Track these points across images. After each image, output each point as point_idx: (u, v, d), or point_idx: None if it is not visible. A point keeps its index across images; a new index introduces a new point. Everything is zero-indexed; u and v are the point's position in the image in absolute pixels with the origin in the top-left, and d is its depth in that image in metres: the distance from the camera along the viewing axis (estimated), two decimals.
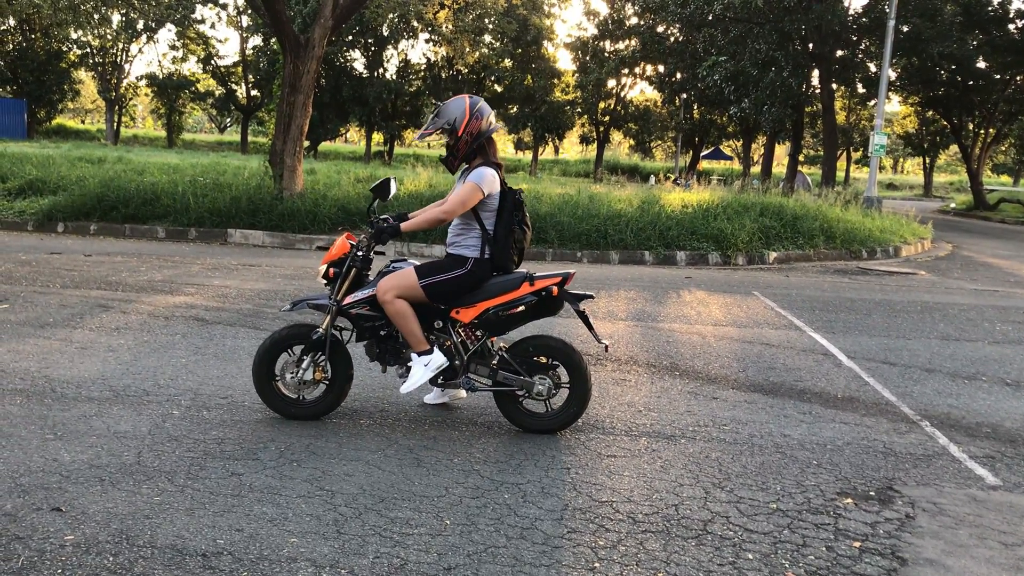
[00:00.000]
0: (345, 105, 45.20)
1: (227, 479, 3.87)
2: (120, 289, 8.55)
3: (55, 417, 4.58)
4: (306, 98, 14.66)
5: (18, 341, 6.22)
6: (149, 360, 5.85)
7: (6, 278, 8.88)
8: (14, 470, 3.83)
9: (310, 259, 11.98)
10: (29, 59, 51.46)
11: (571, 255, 13.39)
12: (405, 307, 4.62)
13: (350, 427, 4.68)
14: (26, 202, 15.08)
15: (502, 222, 4.71)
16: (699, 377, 6.17)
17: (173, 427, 4.52)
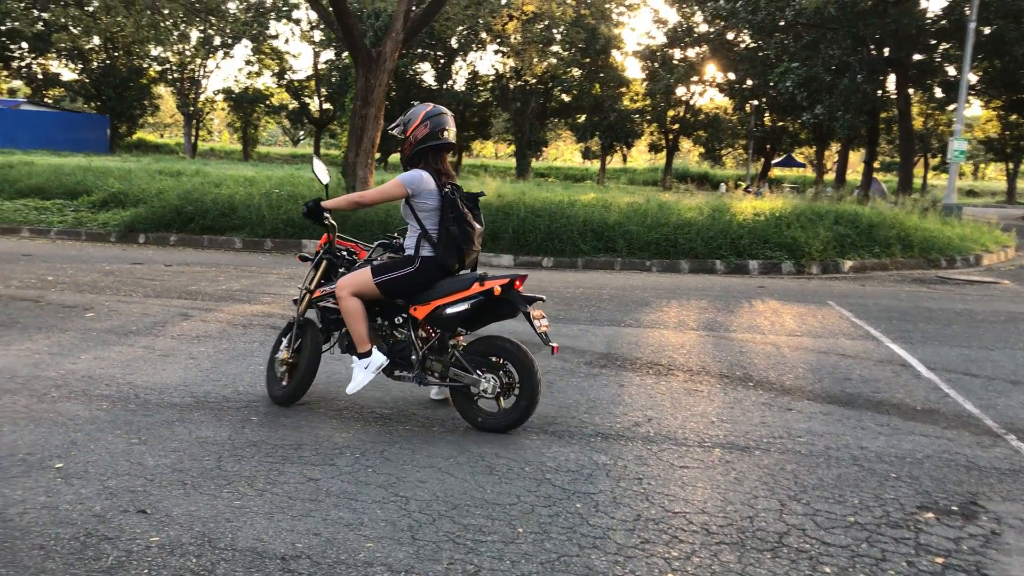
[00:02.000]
0: None
1: (304, 484, 3.95)
2: (200, 298, 8.79)
3: (139, 422, 4.73)
4: (377, 110, 14.91)
5: (103, 348, 6.44)
6: (228, 367, 6.01)
7: (91, 287, 9.21)
8: (102, 473, 3.97)
9: None
10: (112, 76, 53.33)
11: (640, 264, 13.33)
12: (356, 305, 4.85)
13: (423, 434, 4.73)
14: (109, 214, 15.63)
15: (442, 222, 4.85)
16: (773, 388, 6.08)
17: (252, 433, 4.63)
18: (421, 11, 15.56)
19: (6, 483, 3.80)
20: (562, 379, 6.07)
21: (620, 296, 10.22)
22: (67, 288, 9.10)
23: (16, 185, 17.74)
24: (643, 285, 11.40)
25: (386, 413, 5.08)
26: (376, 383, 5.26)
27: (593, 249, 13.62)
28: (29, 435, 4.44)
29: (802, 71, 27.69)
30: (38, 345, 6.46)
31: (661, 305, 9.68)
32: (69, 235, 14.65)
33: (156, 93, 59.55)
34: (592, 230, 13.80)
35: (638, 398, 5.67)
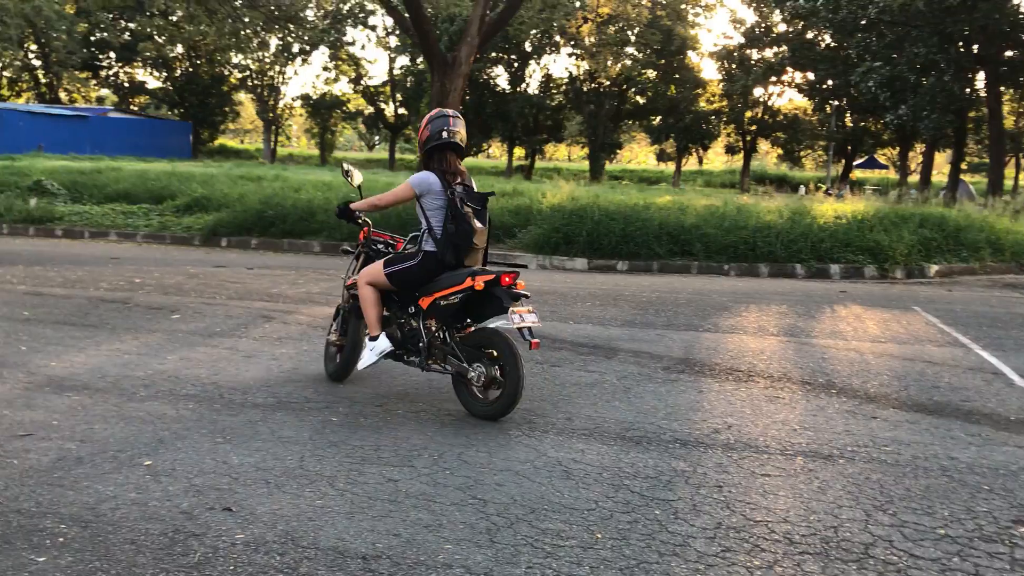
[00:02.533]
0: (488, 121, 45.99)
1: (384, 484, 3.99)
2: (281, 301, 8.97)
3: (224, 422, 4.84)
4: None
5: (189, 349, 6.62)
6: (309, 369, 6.11)
7: (177, 290, 9.48)
8: (189, 471, 4.07)
9: None
10: (195, 83, 54.91)
11: (718, 268, 13.14)
12: (369, 293, 5.35)
13: (500, 438, 4.74)
14: (193, 218, 16.07)
15: (445, 220, 5.19)
16: (857, 395, 5.92)
17: (332, 433, 4.70)
18: (496, 16, 15.63)
19: (99, 479, 3.93)
20: (639, 384, 6.01)
21: (697, 300, 10.09)
22: (154, 290, 9.39)
23: (104, 190, 18.38)
24: (721, 289, 11.24)
25: (463, 416, 5.10)
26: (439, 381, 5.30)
27: (669, 253, 13.48)
28: (120, 433, 4.58)
29: (885, 70, 26.96)
30: (127, 346, 6.67)
31: (740, 310, 9.53)
32: (155, 239, 15.12)
33: (237, 100, 61.09)
34: (668, 233, 13.66)
35: (717, 404, 5.58)
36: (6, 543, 3.27)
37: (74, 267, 11.02)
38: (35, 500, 3.66)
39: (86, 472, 4.00)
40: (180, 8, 33.15)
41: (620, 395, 5.70)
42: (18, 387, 5.37)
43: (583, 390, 5.79)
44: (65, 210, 16.62)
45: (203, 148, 55.83)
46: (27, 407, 4.96)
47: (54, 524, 3.45)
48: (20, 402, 5.05)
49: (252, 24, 32.14)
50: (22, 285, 9.37)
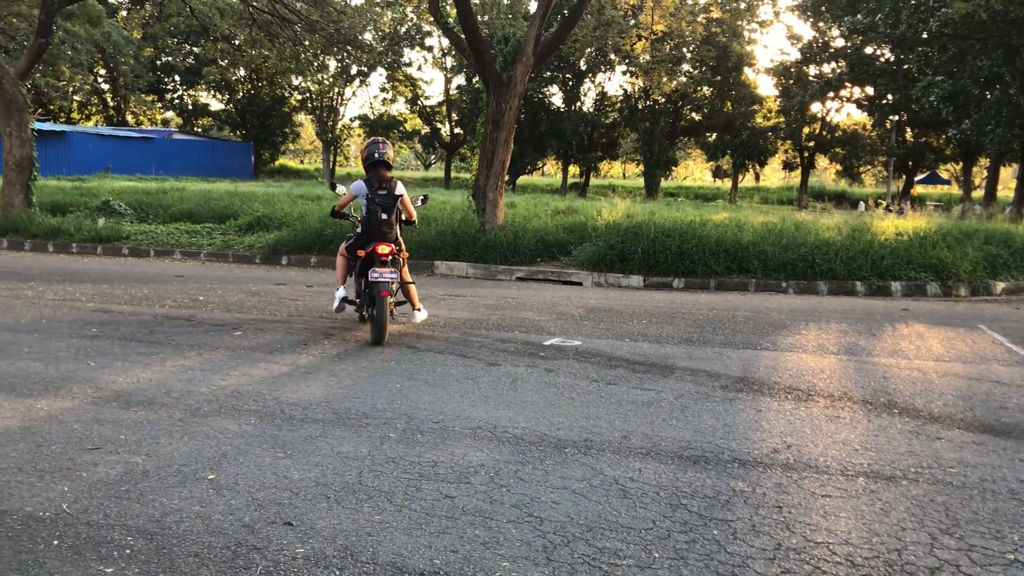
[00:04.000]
0: (543, 139, 46.18)
1: (441, 501, 4.01)
2: (338, 318, 9.10)
3: (285, 437, 4.92)
4: (508, 134, 15.11)
5: (251, 366, 6.74)
6: (367, 385, 6.18)
7: (239, 307, 9.66)
8: (251, 485, 4.15)
9: (511, 289, 12.27)
10: (256, 105, 56.14)
11: (775, 285, 12.98)
12: (340, 259, 8.51)
13: (555, 455, 4.74)
14: (254, 237, 16.38)
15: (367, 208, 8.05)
16: (920, 416, 5.80)
17: (390, 449, 4.75)
18: (551, 35, 15.71)
19: (164, 492, 4.02)
20: (696, 403, 5.96)
21: (755, 318, 9.97)
22: (216, 308, 9.59)
23: (169, 210, 18.84)
24: (779, 307, 11.09)
25: (518, 433, 5.11)
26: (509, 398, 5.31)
27: (726, 270, 13.36)
28: (184, 447, 4.69)
29: (947, 84, 26.44)
30: (191, 362, 6.82)
31: (799, 328, 9.39)
32: (217, 257, 15.44)
33: (297, 121, 62.31)
34: (725, 250, 13.54)
35: (776, 424, 5.51)
36: (76, 554, 3.37)
37: (140, 285, 11.31)
38: (103, 512, 3.77)
39: (152, 485, 4.10)
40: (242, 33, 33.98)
41: (677, 414, 5.66)
42: (87, 402, 5.53)
43: (639, 408, 5.77)
44: (131, 229, 17.06)
45: (264, 168, 56.98)
46: (95, 422, 5.10)
47: (121, 536, 3.54)
48: (89, 417, 5.20)
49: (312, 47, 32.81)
50: (90, 303, 9.65)
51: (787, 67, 44.03)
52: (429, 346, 7.69)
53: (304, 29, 23.52)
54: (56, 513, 3.74)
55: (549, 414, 5.55)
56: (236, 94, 57.48)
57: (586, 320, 9.48)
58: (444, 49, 53.00)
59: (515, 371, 6.77)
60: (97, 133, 45.88)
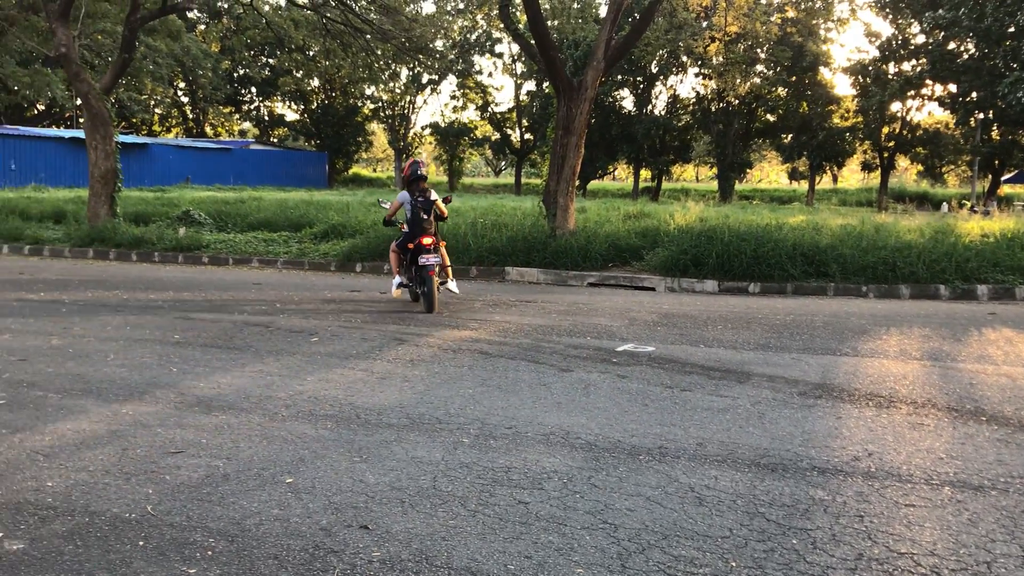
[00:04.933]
0: (614, 143, 45.99)
1: (515, 507, 4.01)
2: (413, 324, 9.19)
3: (360, 441, 4.98)
4: (579, 139, 15.07)
5: (326, 371, 6.84)
6: (440, 390, 6.22)
7: (314, 314, 9.83)
8: (327, 489, 4.20)
9: (582, 295, 12.22)
10: (330, 115, 57.16)
11: (855, 289, 12.67)
12: (393, 255, 10.63)
13: (629, 462, 4.69)
14: (329, 245, 16.66)
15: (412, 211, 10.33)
16: (1010, 423, 5.58)
17: (464, 454, 4.77)
18: (622, 39, 15.63)
19: (244, 495, 4.10)
20: (774, 410, 5.84)
21: (834, 323, 9.74)
22: (293, 314, 9.77)
23: (247, 219, 19.29)
24: (859, 311, 10.82)
25: (591, 439, 5.08)
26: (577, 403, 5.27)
27: (803, 274, 13.08)
28: (263, 451, 4.78)
29: None
30: (269, 367, 6.96)
31: (880, 333, 9.14)
32: (294, 265, 15.75)
33: (369, 130, 63.24)
34: (802, 254, 13.27)
35: (857, 431, 5.36)
36: (160, 555, 3.46)
37: (220, 292, 11.60)
38: (186, 514, 3.86)
39: (232, 489, 4.19)
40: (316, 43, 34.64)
41: (754, 421, 5.56)
42: (170, 407, 5.68)
43: (715, 415, 5.68)
44: (211, 238, 17.51)
45: (338, 177, 57.95)
46: (178, 426, 5.24)
47: (203, 538, 3.62)
48: (172, 421, 5.34)
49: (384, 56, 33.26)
50: (172, 310, 9.93)
51: (865, 65, 42.97)
52: (501, 352, 7.70)
53: (376, 38, 23.86)
54: (141, 515, 3.85)
55: (622, 420, 5.50)
56: (311, 104, 58.62)
57: (659, 326, 9.39)
58: (514, 55, 53.25)
59: (588, 377, 6.73)
60: (177, 145, 47.27)
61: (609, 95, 45.63)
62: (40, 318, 9.16)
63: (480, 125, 60.64)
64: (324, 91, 57.74)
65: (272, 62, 55.71)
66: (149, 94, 52.57)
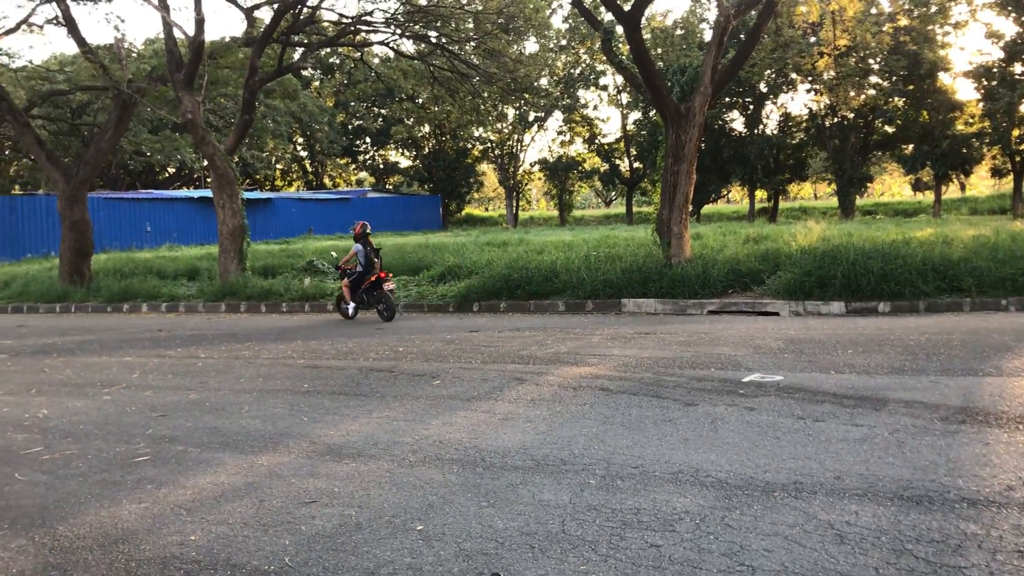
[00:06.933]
0: (726, 166, 45.28)
1: (647, 550, 3.92)
2: (531, 362, 9.20)
3: (487, 485, 4.99)
4: (689, 165, 14.90)
5: (450, 414, 6.91)
6: (563, 430, 6.18)
7: (435, 356, 9.97)
8: (457, 535, 4.22)
9: (702, 324, 11.99)
10: (441, 159, 58.37)
11: (994, 303, 12.01)
12: (345, 289, 14.61)
13: (764, 499, 4.54)
14: (446, 286, 16.92)
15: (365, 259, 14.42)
16: None
17: (591, 496, 4.71)
18: (728, 63, 15.43)
19: (376, 544, 4.16)
20: (915, 438, 5.56)
21: (973, 341, 9.24)
22: (416, 358, 9.93)
23: None
24: (1000, 327, 10.23)
25: (722, 477, 4.94)
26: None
27: (936, 290, 12.49)
28: (393, 498, 4.84)
29: None
30: (394, 412, 7.07)
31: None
32: (413, 308, 16.04)
33: (480, 170, 64.17)
34: (933, 269, 12.68)
35: (1008, 458, 5.04)
36: None
37: (345, 339, 11.91)
38: (322, 565, 3.94)
39: (365, 537, 4.26)
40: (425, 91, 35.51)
41: (893, 450, 5.30)
42: (302, 456, 5.84)
43: (851, 446, 5.44)
44: (334, 286, 18.01)
45: (451, 219, 58.98)
46: (311, 475, 5.37)
47: None
48: (305, 471, 5.48)
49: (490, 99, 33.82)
50: (301, 359, 10.25)
51: (989, 68, 40.97)
52: (622, 387, 7.61)
53: (482, 82, 24.30)
54: (280, 567, 3.95)
55: (753, 455, 5.34)
56: (422, 150, 60.01)
57: (786, 353, 9.10)
58: (619, 86, 53.24)
59: (714, 411, 6.57)
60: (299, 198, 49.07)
61: (718, 118, 45.00)
62: (178, 374, 9.61)
63: (588, 157, 60.70)
64: (435, 136, 59.03)
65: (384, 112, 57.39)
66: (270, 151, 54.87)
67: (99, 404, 7.97)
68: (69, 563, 4.13)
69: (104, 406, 7.87)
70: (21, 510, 4.96)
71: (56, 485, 5.42)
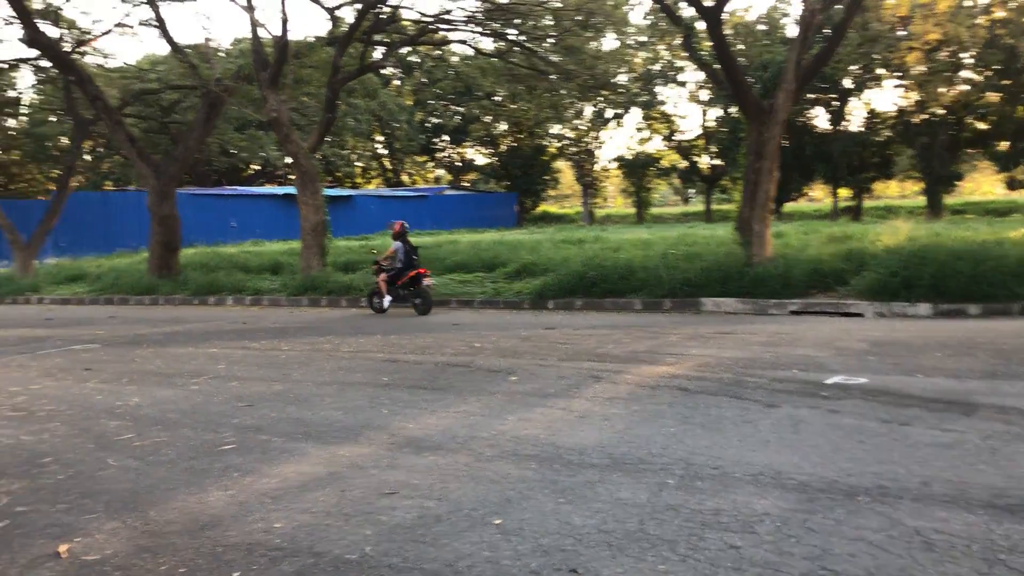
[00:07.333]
0: (808, 163, 44.33)
1: (726, 551, 3.88)
2: (608, 360, 9.16)
3: (564, 482, 4.99)
4: (771, 163, 14.65)
5: (526, 410, 6.93)
6: (640, 429, 6.15)
7: (512, 353, 10.01)
8: (535, 531, 4.24)
9: (784, 324, 11.78)
10: (518, 156, 58.52)
11: None
12: (382, 284, 15.16)
13: (847, 503, 4.44)
14: (522, 283, 16.96)
15: (404, 257, 15.14)
16: None
17: (669, 496, 4.67)
18: (813, 58, 15.12)
19: (455, 537, 4.20)
20: (1008, 444, 5.37)
21: None
22: (492, 354, 9.99)
23: (444, 262, 19.95)
24: None
25: (804, 479, 4.85)
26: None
27: None
28: (471, 492, 4.89)
29: None
30: (472, 407, 7.13)
31: None
32: (489, 304, 16.13)
33: (556, 168, 64.11)
34: None
35: None
36: None
37: (422, 334, 12.05)
38: (402, 556, 4.00)
39: (444, 530, 4.31)
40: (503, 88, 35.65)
41: (985, 456, 5.13)
42: (382, 448, 5.93)
43: (940, 451, 5.28)
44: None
45: (527, 216, 59.06)
46: (391, 467, 5.45)
47: None
48: (385, 462, 5.57)
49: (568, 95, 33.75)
50: (380, 353, 10.40)
51: None
52: (702, 387, 7.53)
53: (560, 78, 24.26)
54: (361, 556, 4.02)
55: (837, 458, 5.22)
56: (499, 147, 60.25)
57: (870, 355, 8.88)
58: (699, 82, 52.59)
59: (796, 412, 6.45)
60: (378, 195, 49.79)
61: (801, 114, 44.07)
62: (262, 365, 9.85)
63: (666, 154, 60.15)
64: (512, 133, 59.23)
65: (462, 110, 57.79)
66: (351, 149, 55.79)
67: (187, 393, 8.23)
68: (159, 546, 4.28)
69: (192, 395, 8.12)
70: (114, 494, 5.15)
71: (146, 471, 5.61)
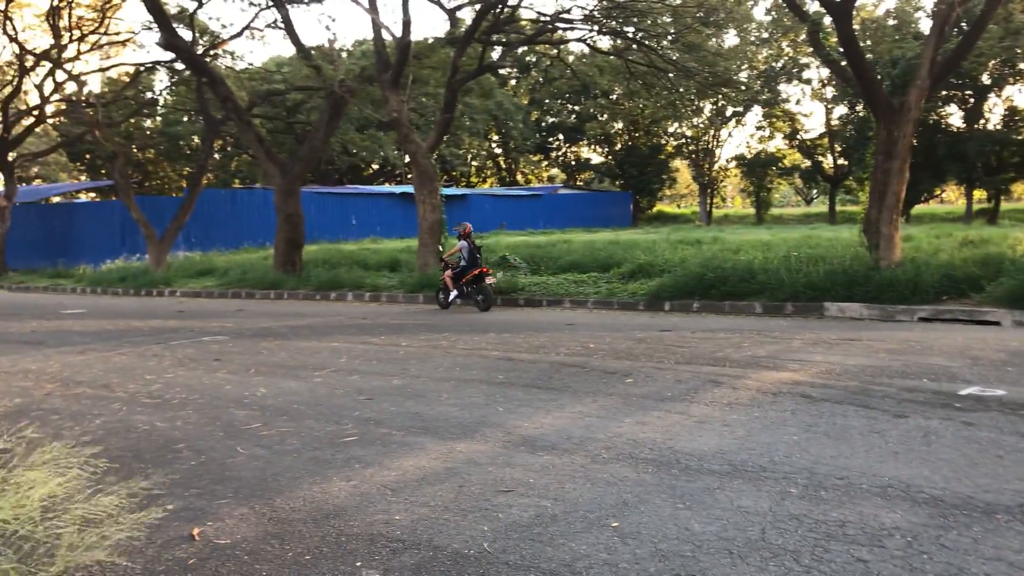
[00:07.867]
0: (940, 163, 42.37)
1: (852, 564, 3.75)
2: (727, 365, 8.98)
3: (682, 487, 4.92)
4: (902, 163, 14.08)
5: (643, 413, 6.86)
6: (762, 436, 6.00)
7: (627, 355, 9.93)
8: (653, 535, 4.19)
9: (913, 332, 11.29)
10: (633, 155, 58.09)
11: None
12: (448, 280, 16.21)
13: (985, 521, 4.23)
14: (637, 284, 16.80)
15: (468, 255, 16.13)
16: None
17: (792, 505, 4.55)
18: (949, 53, 14.44)
19: (572, 537, 4.20)
20: None
21: None
22: (607, 355, 9.94)
23: (558, 261, 19.98)
24: None
25: (936, 494, 4.64)
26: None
27: None
28: (587, 493, 4.87)
29: None
30: (587, 408, 7.11)
31: None
32: (603, 305, 16.05)
33: (673, 167, 63.36)
34: None
35: None
36: None
37: (536, 334, 12.09)
38: (519, 554, 4.02)
39: (560, 530, 4.31)
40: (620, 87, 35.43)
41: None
42: (498, 446, 5.98)
43: None
44: (525, 281, 18.34)
45: (642, 215, 58.59)
46: (507, 465, 5.49)
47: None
48: (501, 460, 5.61)
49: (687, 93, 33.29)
50: (495, 351, 10.49)
51: None
52: (826, 395, 7.29)
53: (679, 76, 23.94)
54: (479, 552, 4.07)
55: (972, 474, 4.97)
56: (615, 146, 59.94)
57: (1009, 366, 8.42)
58: (824, 80, 51.05)
59: (927, 424, 6.18)
60: (492, 194, 50.27)
61: (933, 112, 42.17)
62: (382, 360, 10.08)
63: (788, 154, 58.63)
64: (627, 132, 58.84)
65: (578, 109, 57.76)
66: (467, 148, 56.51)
67: (311, 386, 8.50)
68: (286, 533, 4.43)
69: (315, 387, 8.38)
70: (243, 481, 5.36)
71: (273, 459, 5.82)
